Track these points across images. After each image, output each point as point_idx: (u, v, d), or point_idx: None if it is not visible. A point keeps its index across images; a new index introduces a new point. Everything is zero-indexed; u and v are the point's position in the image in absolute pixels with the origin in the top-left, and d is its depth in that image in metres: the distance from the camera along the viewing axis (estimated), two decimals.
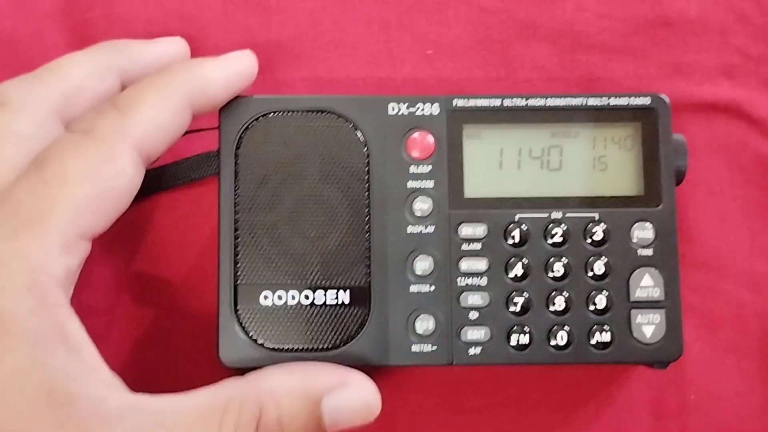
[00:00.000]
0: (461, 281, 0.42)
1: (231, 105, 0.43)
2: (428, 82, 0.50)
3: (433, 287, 0.42)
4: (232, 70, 0.42)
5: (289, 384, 0.38)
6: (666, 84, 0.49)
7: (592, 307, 0.42)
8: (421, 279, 0.42)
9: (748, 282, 0.47)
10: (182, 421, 0.35)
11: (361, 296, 0.42)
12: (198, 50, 0.49)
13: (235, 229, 0.42)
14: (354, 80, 0.50)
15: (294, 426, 0.37)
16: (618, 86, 0.49)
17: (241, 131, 0.43)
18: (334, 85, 0.50)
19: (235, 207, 0.42)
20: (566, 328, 0.42)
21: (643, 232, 0.43)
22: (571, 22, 0.50)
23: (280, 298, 0.42)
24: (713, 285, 0.47)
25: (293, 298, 0.42)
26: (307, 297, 0.42)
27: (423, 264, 0.42)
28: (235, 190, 0.42)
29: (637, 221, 0.43)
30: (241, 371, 0.43)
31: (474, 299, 0.42)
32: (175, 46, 0.46)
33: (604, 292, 0.42)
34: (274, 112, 0.43)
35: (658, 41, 0.50)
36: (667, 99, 0.43)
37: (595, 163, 0.44)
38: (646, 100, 0.44)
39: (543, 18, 0.50)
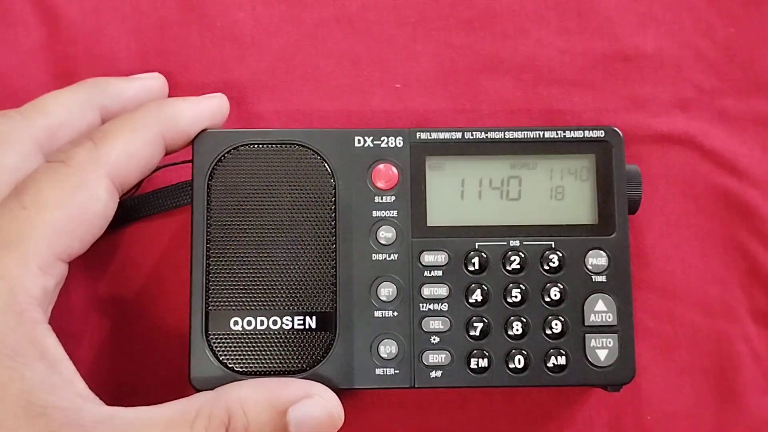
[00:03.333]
0: (423, 307, 0.44)
1: (204, 137, 0.45)
2: (396, 114, 0.52)
3: (396, 312, 0.44)
4: (203, 108, 0.45)
5: (257, 395, 0.40)
6: (623, 116, 0.52)
7: (548, 332, 0.44)
8: (385, 304, 0.44)
9: (702, 306, 0.50)
10: (155, 430, 0.37)
11: (327, 321, 0.44)
12: (177, 84, 0.52)
13: (207, 257, 0.44)
14: (325, 113, 0.52)
15: None
16: (578, 118, 0.52)
17: (214, 163, 0.45)
18: (306, 117, 0.52)
19: (207, 235, 0.44)
20: (524, 351, 0.44)
21: (597, 260, 0.44)
22: (533, 56, 0.52)
23: (249, 323, 0.43)
24: (668, 309, 0.49)
25: (262, 323, 0.43)
26: (275, 322, 0.43)
27: (387, 290, 0.44)
28: (207, 219, 0.44)
29: (591, 249, 0.45)
30: None
31: (435, 324, 0.44)
32: (153, 82, 0.48)
33: (560, 317, 0.44)
34: (245, 145, 0.45)
35: (616, 75, 0.52)
36: (620, 132, 0.46)
37: (552, 193, 0.46)
38: (600, 133, 0.46)
39: (507, 53, 0.53)
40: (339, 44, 0.53)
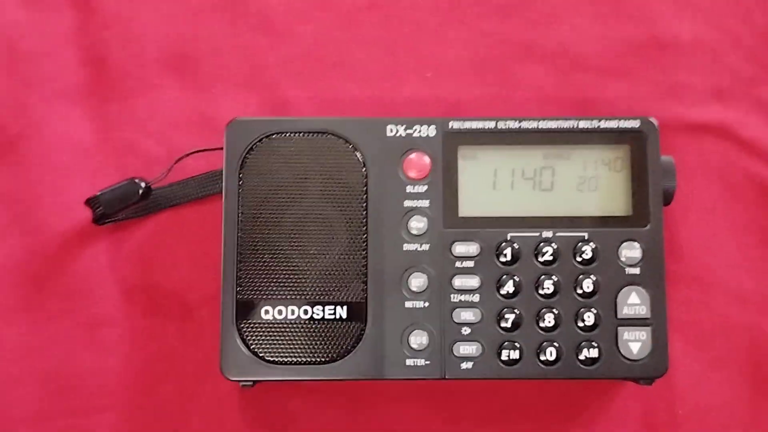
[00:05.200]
0: (454, 298, 0.44)
1: (236, 125, 0.45)
2: (428, 102, 0.51)
3: (427, 303, 0.44)
4: None
5: None
6: (658, 105, 0.51)
7: (580, 324, 0.43)
8: (416, 295, 0.44)
9: (737, 297, 0.49)
10: None
11: (358, 311, 0.44)
12: (208, 71, 0.52)
13: (238, 246, 0.44)
14: (356, 100, 0.51)
15: None
16: (612, 107, 0.51)
17: (246, 151, 0.45)
18: (337, 104, 0.51)
19: (238, 224, 0.44)
20: (555, 344, 0.43)
21: (631, 252, 0.44)
22: (567, 43, 0.52)
23: (280, 312, 0.43)
24: (702, 301, 0.49)
25: (293, 312, 0.43)
26: (305, 312, 0.43)
27: (418, 281, 0.44)
28: (238, 208, 0.44)
29: (625, 241, 0.44)
30: (243, 384, 0.45)
31: (466, 315, 0.44)
32: None
33: (593, 309, 0.43)
34: (277, 134, 0.45)
35: (652, 63, 0.51)
36: (655, 122, 0.45)
37: (585, 184, 0.45)
38: (635, 124, 0.45)
39: (540, 40, 0.52)
40: (371, 31, 0.52)
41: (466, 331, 0.43)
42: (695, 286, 0.49)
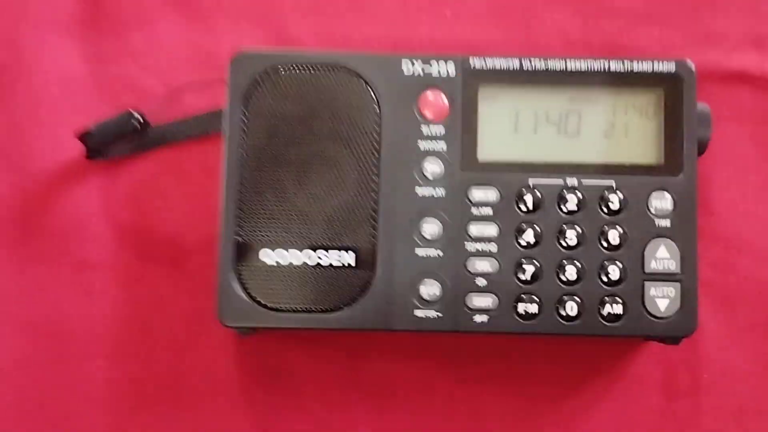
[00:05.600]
0: (470, 247, 0.41)
1: (241, 57, 0.42)
2: (445, 43, 0.48)
3: (440, 252, 0.41)
4: None
5: None
6: (692, 53, 0.46)
7: (604, 278, 0.40)
8: (429, 243, 0.41)
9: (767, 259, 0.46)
10: None
11: (366, 258, 0.41)
12: (209, 4, 0.48)
13: (240, 185, 0.41)
14: (369, 38, 0.48)
15: None
16: (642, 54, 0.47)
17: (251, 85, 0.42)
18: (348, 42, 0.48)
19: (240, 162, 0.41)
20: (576, 298, 0.40)
21: (661, 202, 0.41)
22: None
23: (282, 256, 0.41)
24: (733, 261, 0.46)
25: (296, 257, 0.41)
26: (309, 257, 0.41)
27: (431, 227, 0.41)
28: (241, 145, 0.41)
29: (655, 190, 0.41)
30: (241, 331, 0.42)
31: (482, 265, 0.41)
32: None
33: (618, 262, 0.41)
34: (285, 67, 0.42)
35: (686, 7, 0.48)
36: (692, 65, 0.42)
37: (614, 130, 0.42)
38: (670, 67, 0.42)
39: None
40: None
41: (481, 282, 0.41)
42: (724, 244, 0.46)
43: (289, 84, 0.42)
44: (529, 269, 0.41)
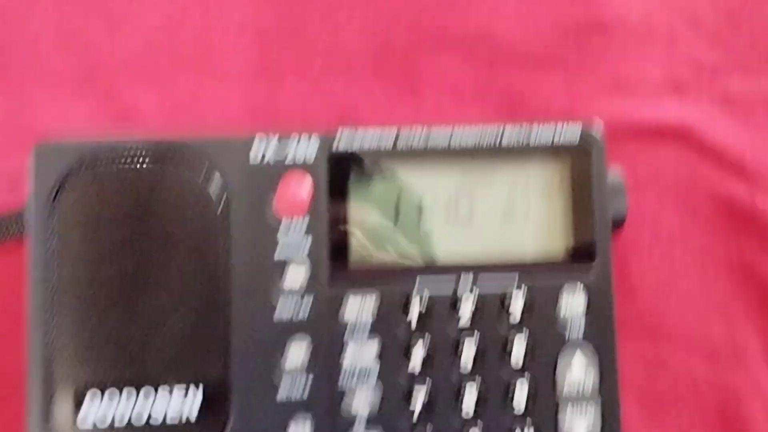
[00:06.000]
0: (345, 376, 0.33)
1: (45, 149, 0.33)
2: (314, 104, 0.41)
3: (308, 386, 0.33)
4: None
5: None
6: (602, 103, 0.42)
7: (511, 402, 0.33)
8: (294, 374, 0.33)
9: (703, 349, 0.39)
10: None
11: (217, 399, 0.33)
12: (28, 73, 0.41)
13: (51, 313, 0.33)
14: (220, 105, 0.41)
15: None
16: (545, 107, 0.42)
17: (61, 181, 0.33)
18: (194, 112, 0.41)
19: (50, 281, 0.33)
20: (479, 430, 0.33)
21: (573, 300, 0.34)
22: (487, 28, 0.42)
23: (108, 403, 0.32)
24: (661, 356, 0.39)
25: (126, 404, 0.32)
26: (139, 413, 0.32)
27: (296, 354, 0.33)
28: (50, 258, 0.33)
29: (565, 284, 0.34)
30: None
31: (363, 397, 0.33)
32: None
33: (526, 381, 0.34)
34: (105, 160, 0.33)
35: (593, 50, 0.42)
36: (600, 130, 0.35)
37: (513, 215, 0.35)
38: (574, 134, 0.35)
39: (454, 24, 0.42)
40: (239, 11, 0.42)
41: (363, 416, 0.33)
42: (651, 336, 0.39)
43: (111, 179, 0.33)
44: (420, 396, 0.33)
